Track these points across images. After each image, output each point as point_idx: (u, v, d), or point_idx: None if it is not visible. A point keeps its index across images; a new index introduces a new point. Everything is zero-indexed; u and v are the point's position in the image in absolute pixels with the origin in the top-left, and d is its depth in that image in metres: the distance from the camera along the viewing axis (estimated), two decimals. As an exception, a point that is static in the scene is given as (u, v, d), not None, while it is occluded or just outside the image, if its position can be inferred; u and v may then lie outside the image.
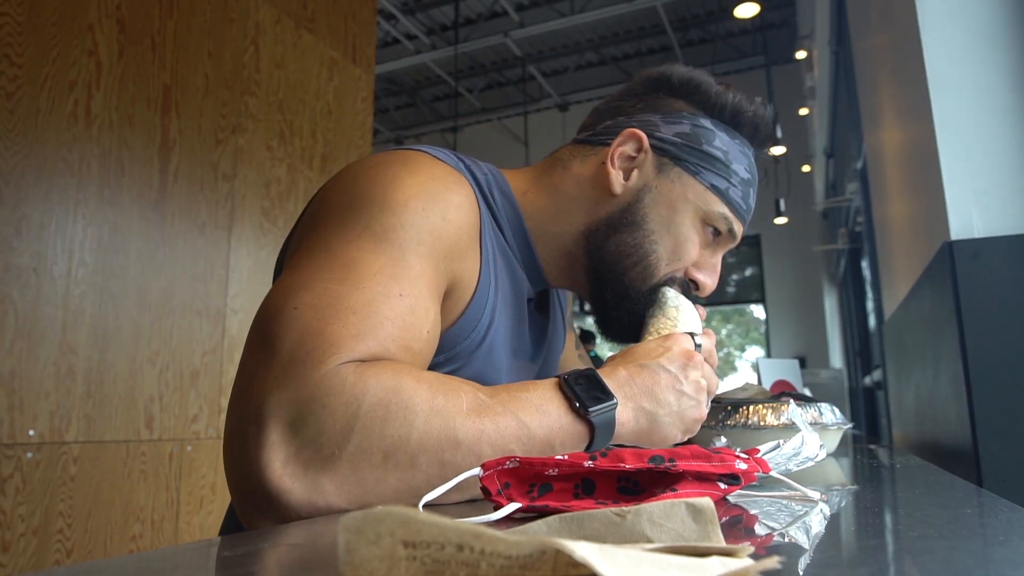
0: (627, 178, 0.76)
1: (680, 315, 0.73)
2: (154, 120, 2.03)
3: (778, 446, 0.59)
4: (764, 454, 0.58)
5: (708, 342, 0.74)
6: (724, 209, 0.76)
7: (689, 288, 0.78)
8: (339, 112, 2.79)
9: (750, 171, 0.78)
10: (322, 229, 0.62)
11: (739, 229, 0.79)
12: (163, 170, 2.05)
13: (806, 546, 0.37)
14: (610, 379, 0.62)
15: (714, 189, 0.75)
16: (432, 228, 0.63)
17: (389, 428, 0.51)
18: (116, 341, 1.89)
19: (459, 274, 0.67)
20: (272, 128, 2.46)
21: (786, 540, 0.39)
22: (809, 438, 0.61)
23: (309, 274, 0.57)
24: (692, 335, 0.72)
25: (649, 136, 0.76)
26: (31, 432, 1.67)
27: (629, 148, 0.76)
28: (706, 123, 0.76)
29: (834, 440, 0.89)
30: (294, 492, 0.50)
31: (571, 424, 0.58)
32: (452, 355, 0.68)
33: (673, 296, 0.75)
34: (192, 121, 2.15)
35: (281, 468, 0.50)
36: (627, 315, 0.76)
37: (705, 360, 0.70)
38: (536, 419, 0.57)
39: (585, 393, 0.59)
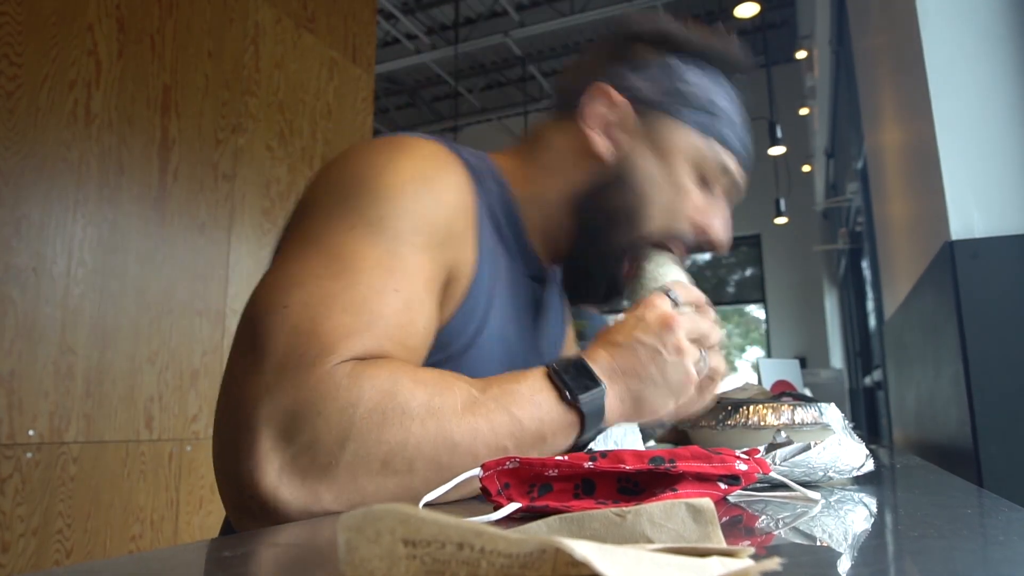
0: (612, 141, 0.73)
1: (654, 272, 0.70)
2: (154, 120, 2.03)
3: (809, 447, 0.59)
4: (790, 457, 0.58)
5: (686, 292, 0.68)
6: (716, 147, 0.73)
7: (702, 245, 0.75)
8: (339, 112, 2.79)
9: (732, 101, 0.76)
10: (313, 219, 0.60)
11: (737, 170, 0.75)
12: (163, 170, 2.05)
13: (806, 546, 0.37)
14: (594, 364, 0.60)
15: (700, 127, 0.73)
16: (427, 214, 0.61)
17: (386, 434, 0.50)
18: (116, 341, 1.89)
19: (456, 261, 0.65)
20: (272, 128, 2.46)
21: (786, 540, 0.39)
22: (853, 446, 0.60)
23: (300, 269, 0.56)
24: (667, 291, 0.66)
25: (619, 88, 0.73)
26: (30, 432, 1.67)
27: (600, 106, 0.73)
28: (672, 61, 0.74)
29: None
30: (291, 502, 0.48)
31: (562, 414, 0.57)
32: (449, 354, 0.66)
33: (652, 257, 0.71)
34: (192, 121, 2.15)
35: (276, 478, 0.48)
36: (603, 275, 0.74)
37: (691, 306, 0.66)
38: (528, 411, 0.56)
39: (574, 382, 0.58)
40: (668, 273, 0.71)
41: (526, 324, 0.79)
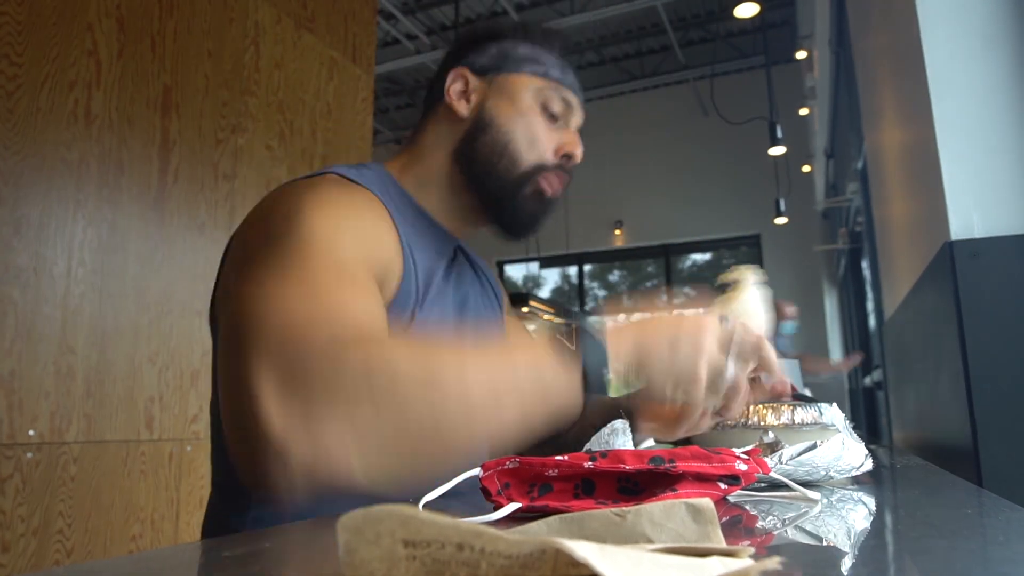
0: (468, 102, 0.88)
1: (738, 304, 0.72)
2: (154, 120, 2.03)
3: (814, 446, 0.59)
4: (797, 455, 0.58)
5: (741, 330, 0.66)
6: (550, 84, 0.88)
7: (566, 164, 0.88)
8: (339, 112, 2.79)
9: (556, 56, 0.91)
10: (262, 245, 0.67)
11: (574, 100, 0.90)
12: (163, 170, 2.05)
13: (806, 546, 0.37)
14: (604, 327, 0.63)
15: (534, 72, 0.88)
16: (351, 230, 0.70)
17: (375, 369, 0.53)
18: (116, 341, 1.89)
19: (387, 259, 0.75)
20: (272, 128, 2.46)
21: (786, 540, 0.39)
22: (853, 446, 0.60)
23: (264, 279, 0.61)
24: (724, 319, 0.66)
25: (469, 67, 0.89)
26: (31, 432, 1.67)
27: (456, 83, 0.89)
28: (507, 43, 0.91)
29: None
30: (299, 441, 0.50)
31: (559, 364, 0.57)
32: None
33: (748, 291, 0.74)
34: (192, 121, 2.15)
35: (281, 420, 0.51)
36: (518, 207, 0.86)
37: (730, 338, 0.64)
38: (523, 356, 0.58)
39: (577, 339, 0.60)
40: (750, 302, 0.72)
41: (462, 301, 0.91)
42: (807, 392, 1.48)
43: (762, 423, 0.80)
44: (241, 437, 0.54)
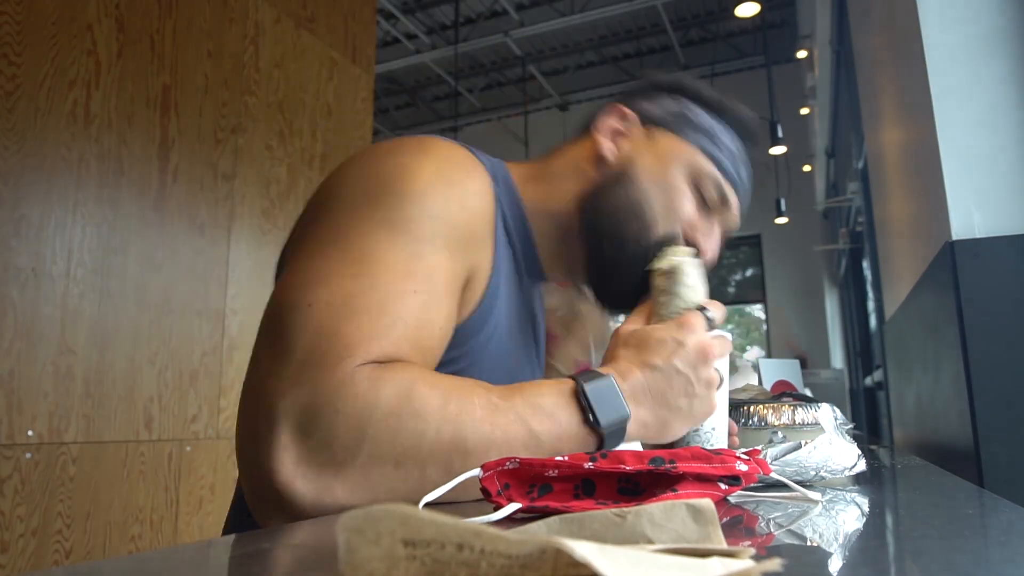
0: (617, 146, 0.77)
1: (687, 285, 0.70)
2: (153, 120, 2.03)
3: (799, 446, 0.59)
4: (781, 456, 0.58)
5: (719, 314, 0.68)
6: (714, 170, 0.76)
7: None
8: (339, 112, 2.79)
9: (739, 148, 0.79)
10: (336, 218, 0.61)
11: (734, 199, 0.78)
12: (162, 170, 2.05)
13: (807, 547, 0.37)
14: (625, 382, 0.60)
15: (703, 150, 0.76)
16: (450, 218, 0.62)
17: (401, 436, 0.51)
18: (115, 341, 1.89)
19: (476, 263, 0.66)
20: (272, 128, 2.46)
21: (787, 541, 0.38)
22: (844, 446, 0.60)
23: (324, 267, 0.57)
24: (704, 311, 0.66)
25: (634, 109, 0.78)
26: (30, 432, 1.67)
27: (614, 120, 0.78)
28: (690, 104, 0.79)
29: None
30: (305, 495, 0.50)
31: (581, 434, 0.57)
32: (464, 351, 0.67)
33: (680, 262, 0.71)
34: (191, 121, 2.15)
35: (293, 470, 0.50)
36: (626, 280, 0.74)
37: (725, 348, 0.67)
38: (546, 427, 0.56)
39: (600, 405, 0.57)
40: (698, 282, 0.70)
41: (526, 329, 0.80)
42: (808, 392, 1.47)
43: (762, 423, 0.80)
44: (247, 466, 0.53)
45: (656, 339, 0.64)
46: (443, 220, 0.61)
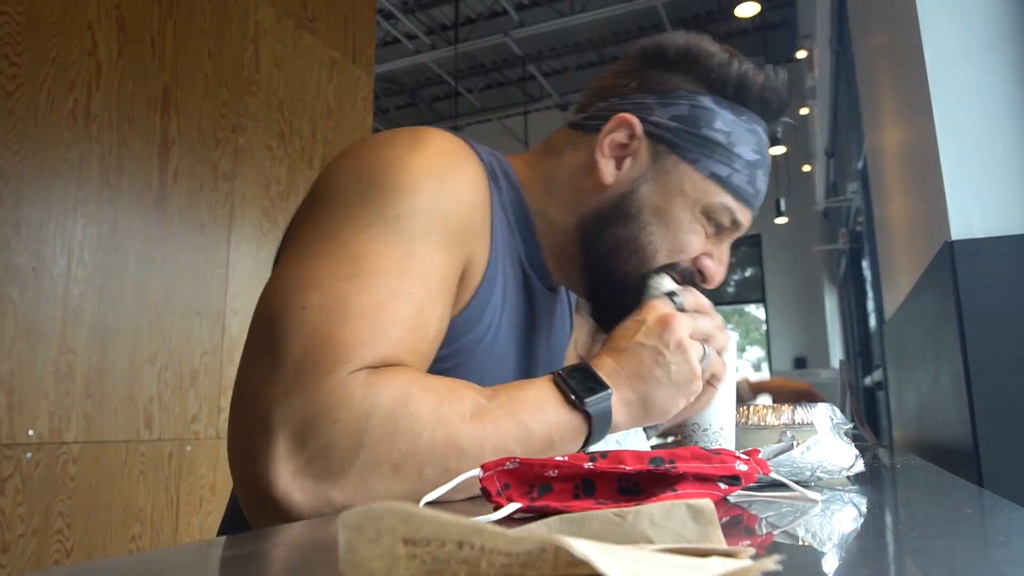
0: (619, 167, 0.71)
1: (657, 281, 0.70)
2: (154, 120, 2.03)
3: (791, 447, 0.59)
4: (772, 456, 0.58)
5: (691, 296, 0.67)
6: (727, 199, 0.71)
7: (695, 279, 0.74)
8: (339, 112, 2.79)
9: (758, 151, 0.72)
10: (328, 214, 0.60)
11: (745, 217, 0.74)
12: (163, 170, 2.05)
13: (807, 547, 0.37)
14: (600, 369, 0.61)
15: (715, 178, 0.70)
16: (444, 211, 0.61)
17: (397, 442, 0.51)
18: (115, 341, 1.89)
19: (471, 256, 0.65)
20: (272, 128, 2.46)
21: (786, 540, 0.39)
22: (841, 447, 0.60)
23: (317, 268, 0.56)
24: (671, 295, 0.67)
25: (643, 121, 0.71)
26: (30, 432, 1.67)
27: (620, 135, 0.71)
28: (707, 102, 0.70)
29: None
30: (303, 504, 0.50)
31: (569, 418, 0.58)
32: (456, 348, 0.66)
33: (658, 277, 0.71)
34: (192, 121, 2.15)
35: (290, 480, 0.50)
36: (623, 304, 0.71)
37: (695, 310, 0.66)
38: (535, 417, 0.57)
39: (580, 386, 0.58)
40: (669, 283, 0.71)
41: (537, 328, 0.78)
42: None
43: (763, 423, 0.80)
44: (242, 475, 0.53)
45: (620, 328, 0.65)
46: (436, 214, 0.60)
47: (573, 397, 0.58)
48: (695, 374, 0.63)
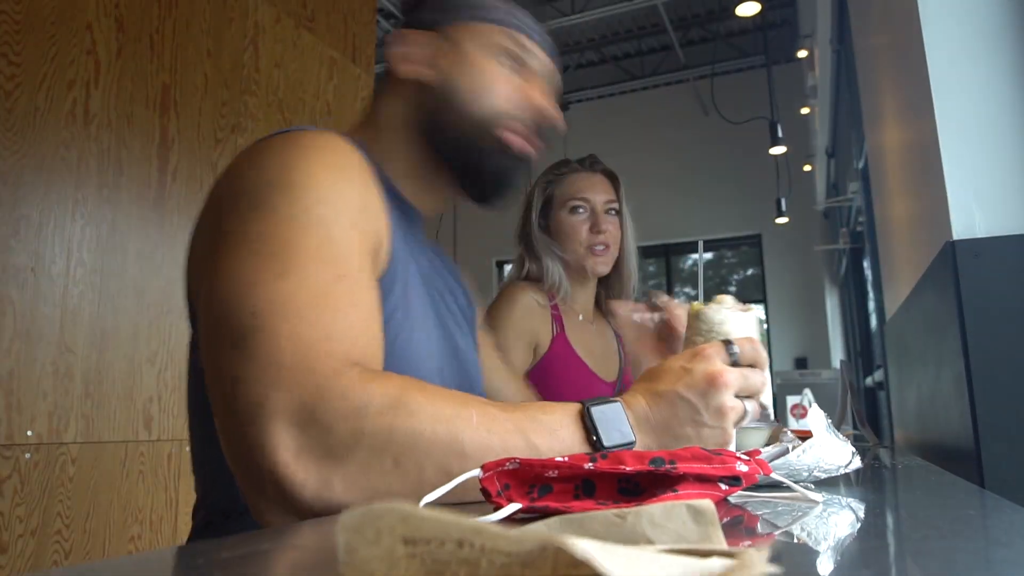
0: (422, 67, 0.80)
1: (719, 327, 0.69)
2: (153, 119, 2.03)
3: (786, 451, 0.59)
4: (768, 460, 0.58)
5: (749, 347, 0.65)
6: (514, 33, 0.80)
7: (542, 128, 0.82)
8: (339, 112, 2.79)
9: (509, 7, 0.82)
10: (242, 215, 0.62)
11: (536, 48, 0.83)
12: (162, 169, 2.05)
13: (807, 547, 0.37)
14: (630, 411, 0.60)
15: (496, 21, 0.80)
16: (344, 196, 0.64)
17: (397, 434, 0.52)
18: (115, 341, 1.88)
19: (379, 231, 0.69)
20: (272, 128, 2.45)
21: (787, 541, 0.38)
22: (837, 445, 0.60)
23: (248, 270, 0.57)
24: (728, 343, 0.65)
25: (415, 25, 0.81)
26: (29, 433, 1.67)
27: (401, 46, 0.81)
28: None
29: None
30: (306, 485, 0.50)
31: (582, 452, 0.57)
32: (390, 307, 0.68)
33: (714, 311, 0.70)
34: (191, 120, 2.15)
35: (293, 458, 0.50)
36: (476, 164, 0.79)
37: (751, 365, 0.64)
38: (546, 442, 0.56)
39: (605, 429, 0.57)
40: (734, 324, 0.69)
41: (432, 283, 0.84)
42: (808, 394, 1.47)
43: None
44: (243, 466, 0.53)
45: (666, 368, 0.63)
46: (339, 200, 0.63)
47: (595, 438, 0.57)
48: (726, 440, 0.61)
